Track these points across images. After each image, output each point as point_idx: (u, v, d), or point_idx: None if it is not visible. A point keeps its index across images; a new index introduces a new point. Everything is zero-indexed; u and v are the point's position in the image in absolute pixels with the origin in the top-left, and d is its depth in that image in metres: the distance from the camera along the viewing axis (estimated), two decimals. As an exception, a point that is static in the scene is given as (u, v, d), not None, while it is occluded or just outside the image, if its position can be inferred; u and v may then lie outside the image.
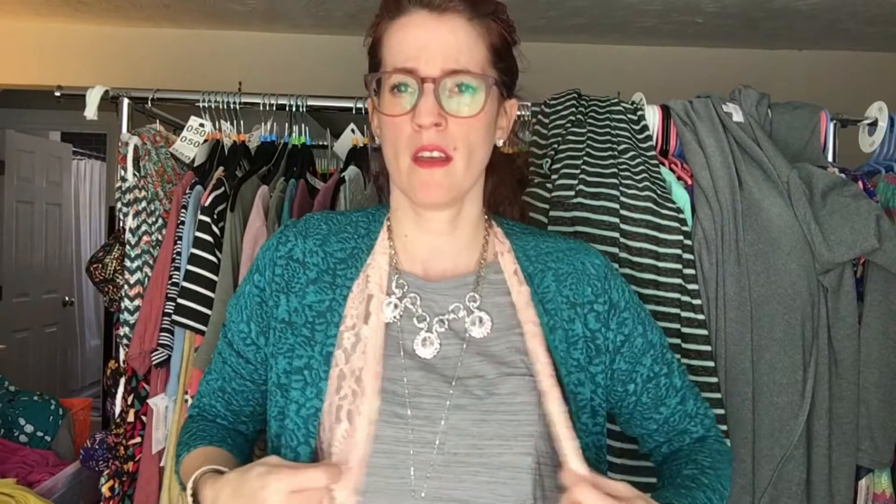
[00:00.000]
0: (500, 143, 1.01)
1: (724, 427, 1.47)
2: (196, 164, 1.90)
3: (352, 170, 1.85)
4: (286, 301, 0.98)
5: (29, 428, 3.42)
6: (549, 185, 1.55)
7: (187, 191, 1.79)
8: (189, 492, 0.90)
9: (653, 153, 1.64)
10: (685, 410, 1.08)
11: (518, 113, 1.78)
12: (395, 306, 0.96)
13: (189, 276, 1.68)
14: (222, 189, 1.74)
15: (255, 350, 1.02)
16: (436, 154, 0.91)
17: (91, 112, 1.84)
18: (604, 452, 1.03)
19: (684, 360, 1.48)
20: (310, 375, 0.93)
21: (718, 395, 1.49)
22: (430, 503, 0.88)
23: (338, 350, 0.93)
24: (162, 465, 1.74)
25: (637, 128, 1.67)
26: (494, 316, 0.97)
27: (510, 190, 1.10)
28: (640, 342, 1.04)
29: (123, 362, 1.78)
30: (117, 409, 1.80)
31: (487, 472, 0.89)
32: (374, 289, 0.96)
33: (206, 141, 1.93)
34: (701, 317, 1.52)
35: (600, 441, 1.00)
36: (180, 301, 1.68)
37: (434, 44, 0.91)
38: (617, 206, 1.51)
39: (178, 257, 1.76)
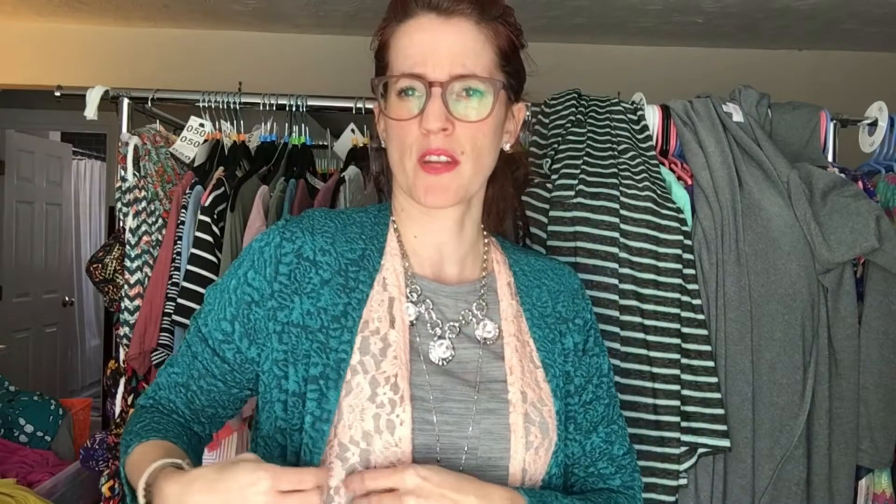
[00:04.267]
0: (507, 147, 1.00)
1: (724, 427, 1.47)
2: (196, 164, 1.90)
3: (352, 170, 1.85)
4: (300, 303, 0.93)
5: (29, 428, 3.42)
6: (549, 185, 1.55)
7: (187, 191, 1.79)
8: (142, 485, 0.81)
9: (653, 153, 1.64)
10: (610, 452, 1.03)
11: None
12: (412, 310, 0.95)
13: (189, 276, 1.68)
14: (222, 189, 1.74)
15: (235, 351, 0.96)
16: (443, 159, 0.90)
17: (91, 112, 1.83)
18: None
19: (684, 360, 1.48)
20: (325, 385, 0.89)
21: (718, 395, 1.48)
22: None
23: (365, 356, 0.90)
24: (162, 465, 1.74)
25: (637, 128, 1.67)
26: (500, 323, 0.99)
27: (510, 200, 1.09)
28: (596, 362, 1.05)
29: (123, 362, 1.78)
30: (117, 409, 1.80)
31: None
32: (395, 291, 0.95)
33: (206, 141, 1.93)
34: (701, 317, 1.51)
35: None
36: (180, 301, 1.68)
37: (442, 48, 0.90)
38: (617, 206, 1.51)
39: (178, 257, 1.76)
